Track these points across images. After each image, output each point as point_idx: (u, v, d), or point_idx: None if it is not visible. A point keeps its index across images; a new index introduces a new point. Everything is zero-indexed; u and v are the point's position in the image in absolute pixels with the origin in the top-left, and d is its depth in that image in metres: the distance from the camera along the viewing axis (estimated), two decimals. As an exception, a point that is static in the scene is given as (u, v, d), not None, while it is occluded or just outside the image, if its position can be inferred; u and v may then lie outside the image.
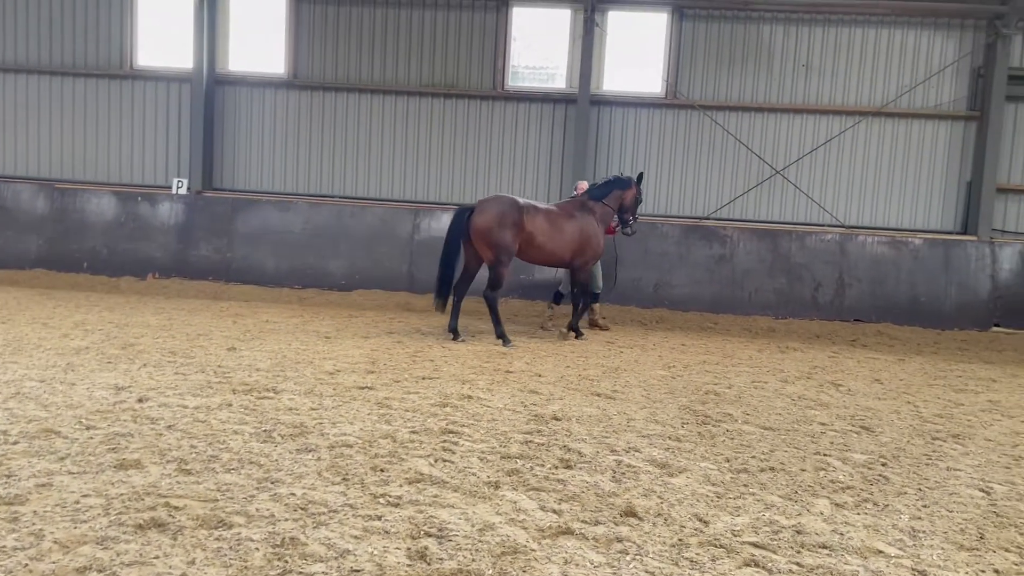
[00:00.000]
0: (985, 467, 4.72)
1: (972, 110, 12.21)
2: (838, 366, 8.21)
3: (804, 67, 12.46)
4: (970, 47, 12.15)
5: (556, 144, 12.86)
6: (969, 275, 11.93)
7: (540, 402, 5.70)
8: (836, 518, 3.67)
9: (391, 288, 12.31)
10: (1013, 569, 3.20)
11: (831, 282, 12.03)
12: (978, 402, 6.72)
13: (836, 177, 12.56)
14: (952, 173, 12.39)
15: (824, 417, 5.79)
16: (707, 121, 12.59)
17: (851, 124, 12.38)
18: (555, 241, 8.81)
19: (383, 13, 12.98)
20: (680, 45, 12.58)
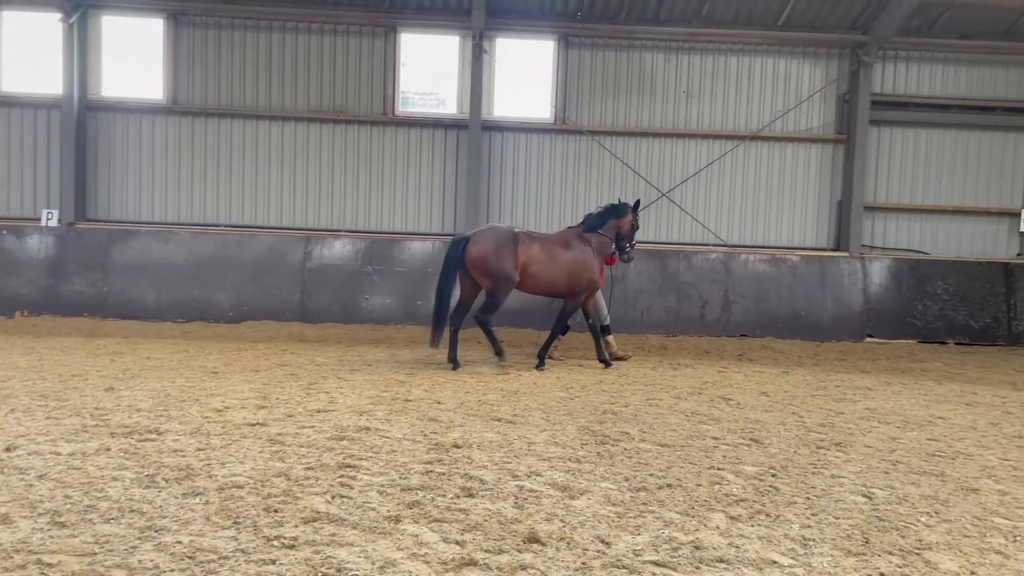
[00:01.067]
0: (866, 473, 4.95)
1: (840, 133, 13.00)
2: (727, 380, 8.49)
3: (685, 94, 12.97)
4: (836, 74, 12.95)
5: (449, 169, 12.88)
6: (843, 289, 12.62)
7: (440, 430, 5.62)
8: (732, 531, 3.76)
9: (282, 319, 11.96)
10: (897, 571, 3.35)
11: (717, 300, 12.48)
12: (857, 410, 7.07)
13: (718, 198, 13.08)
14: (824, 193, 13.12)
15: (716, 431, 5.95)
16: (595, 146, 12.89)
17: (730, 148, 12.95)
18: (550, 271, 8.77)
19: (267, 38, 12.72)
20: (567, 72, 12.87)
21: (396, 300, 12.22)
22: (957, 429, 6.43)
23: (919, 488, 4.65)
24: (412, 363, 8.84)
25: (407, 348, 10.00)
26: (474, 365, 8.97)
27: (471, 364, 9.02)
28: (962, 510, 4.26)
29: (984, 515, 4.20)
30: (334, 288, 12.18)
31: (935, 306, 12.58)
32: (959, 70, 13.02)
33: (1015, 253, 13.16)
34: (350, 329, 11.68)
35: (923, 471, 5.05)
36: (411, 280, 12.26)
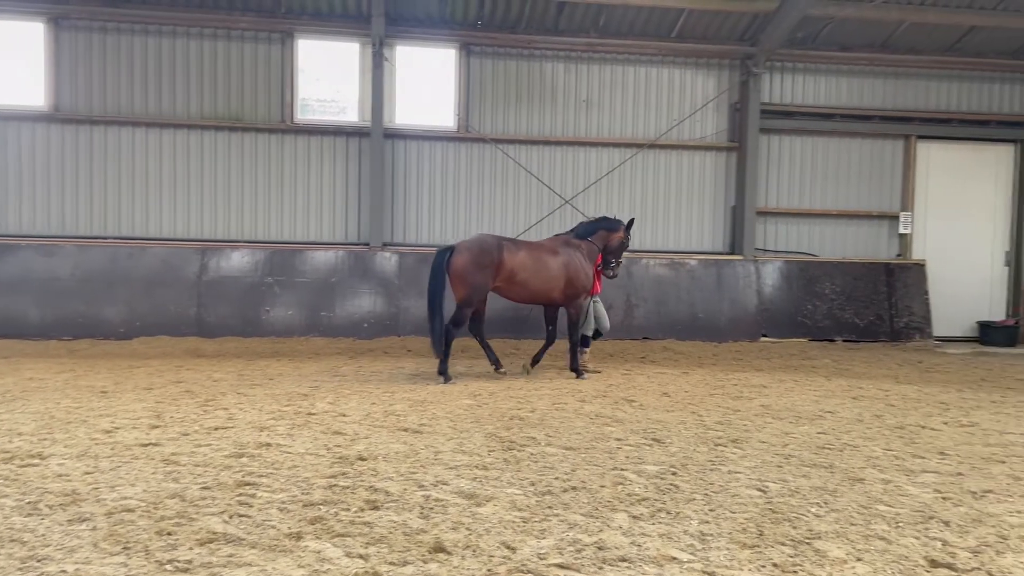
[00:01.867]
0: (761, 468, 5.14)
1: (732, 141, 13.50)
2: (630, 383, 8.67)
3: (585, 102, 13.21)
4: (727, 84, 13.45)
5: (352, 177, 12.71)
6: (739, 291, 13.10)
7: (345, 443, 5.52)
8: (634, 530, 3.83)
9: (177, 334, 11.51)
10: (789, 561, 3.49)
11: (621, 303, 12.74)
12: (752, 407, 7.34)
13: (619, 205, 13.36)
14: (719, 199, 13.59)
15: (619, 433, 6.07)
16: (499, 154, 12.97)
17: (630, 155, 13.26)
18: (539, 278, 8.73)
19: (156, 43, 12.25)
20: (469, 80, 12.91)
21: (299, 312, 11.95)
22: (845, 422, 6.75)
23: (810, 480, 4.86)
24: (316, 376, 8.66)
25: (311, 361, 9.79)
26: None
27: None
28: (849, 499, 4.47)
29: (869, 503, 4.42)
30: (232, 301, 11.82)
31: (824, 305, 13.20)
32: (841, 80, 13.74)
33: (895, 254, 13.95)
34: (250, 343, 11.36)
35: (813, 463, 5.28)
36: (314, 291, 12.02)
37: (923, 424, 6.74)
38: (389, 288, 12.22)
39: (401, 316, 12.16)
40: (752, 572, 3.35)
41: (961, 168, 14.08)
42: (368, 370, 9.10)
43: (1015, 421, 7.00)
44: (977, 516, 4.23)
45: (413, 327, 12.12)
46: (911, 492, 4.67)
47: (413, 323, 12.15)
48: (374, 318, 12.09)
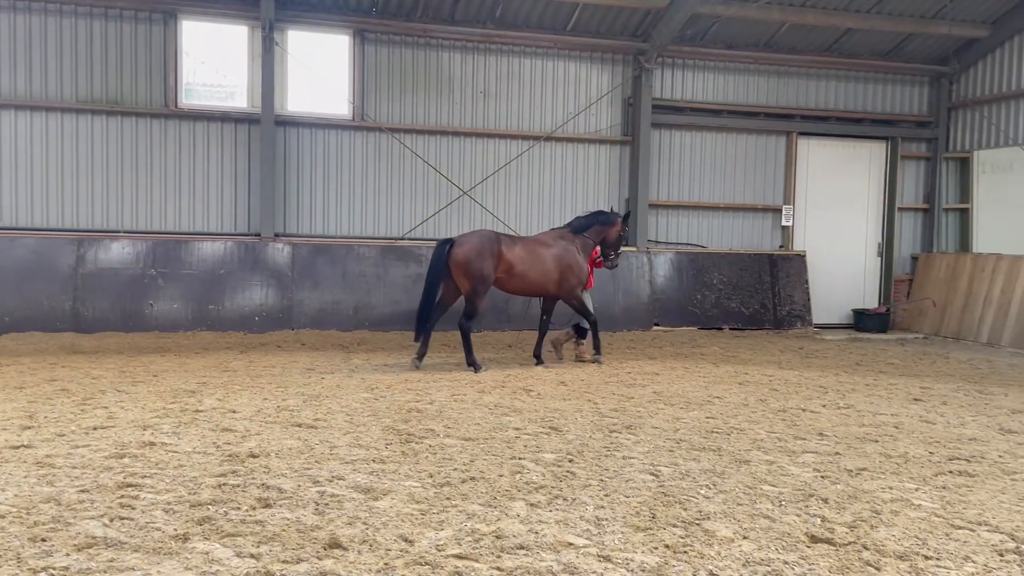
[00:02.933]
0: (653, 452, 5.28)
1: (626, 135, 13.78)
2: (529, 372, 8.74)
3: (482, 94, 13.20)
4: (621, 79, 13.72)
5: (241, 166, 12.27)
6: (632, 282, 13.41)
7: (235, 440, 5.34)
8: (531, 518, 3.87)
9: (52, 329, 10.84)
10: (680, 542, 3.60)
11: (518, 294, 12.82)
12: (645, 394, 7.54)
13: (517, 196, 13.44)
14: (613, 192, 13.85)
15: (518, 422, 6.11)
16: (396, 144, 12.81)
17: (527, 148, 13.34)
18: (536, 270, 8.98)
19: (25, 21, 11.46)
20: (364, 68, 12.67)
21: (185, 305, 11.46)
22: (732, 407, 7.03)
23: (699, 463, 5.03)
24: (204, 371, 8.33)
25: (199, 356, 9.42)
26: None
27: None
28: (736, 481, 4.66)
29: (754, 484, 4.61)
30: (113, 294, 11.22)
31: (712, 295, 13.68)
32: (728, 78, 14.23)
33: (778, 245, 14.59)
34: (133, 338, 10.82)
35: (703, 447, 5.47)
36: (202, 283, 11.55)
37: (804, 407, 7.08)
38: (282, 280, 11.89)
39: (295, 309, 11.86)
40: (645, 554, 3.43)
41: (838, 164, 14.85)
42: (260, 365, 8.83)
43: (887, 402, 7.46)
44: (853, 493, 4.48)
45: (308, 320, 11.84)
46: (793, 472, 4.90)
47: (308, 316, 11.87)
48: (266, 311, 11.73)
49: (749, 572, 3.27)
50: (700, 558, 3.40)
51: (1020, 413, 7.08)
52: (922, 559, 3.48)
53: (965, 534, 3.83)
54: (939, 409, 7.17)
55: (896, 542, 3.68)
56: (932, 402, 7.53)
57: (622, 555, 3.41)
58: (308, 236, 12.46)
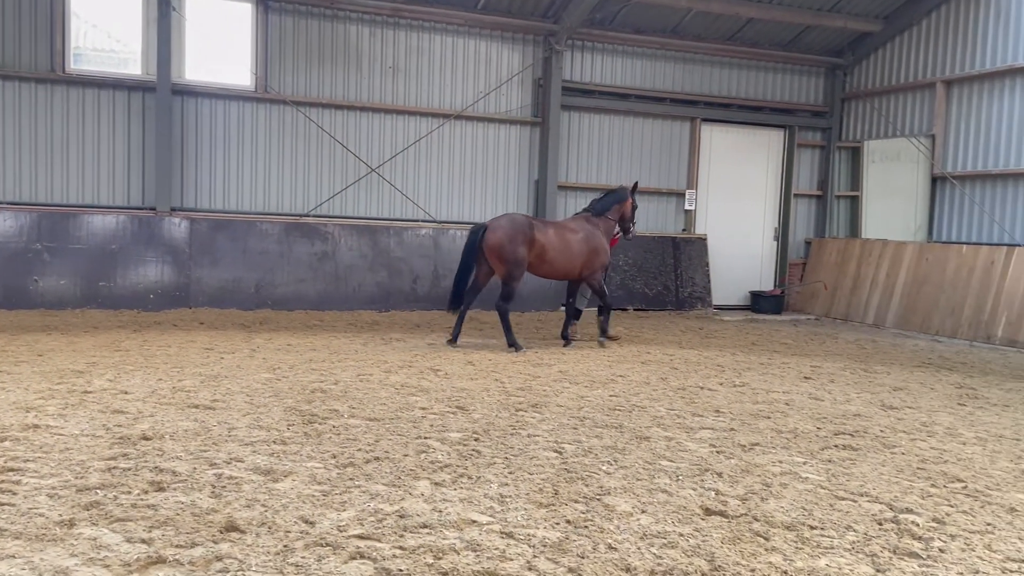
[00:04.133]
0: (558, 430, 5.36)
1: (536, 116, 13.82)
2: (436, 353, 8.72)
3: (391, 69, 12.98)
4: (531, 60, 13.73)
5: (135, 136, 11.69)
6: (541, 262, 13.50)
7: (127, 422, 5.12)
8: (436, 497, 3.87)
9: (-74, 306, 10.12)
10: (581, 517, 3.67)
11: (427, 274, 12.75)
12: (551, 373, 7.63)
13: (427, 175, 13.32)
14: (523, 173, 13.90)
15: (424, 402, 6.09)
16: (301, 117, 12.47)
17: (436, 126, 13.22)
18: (565, 255, 9.24)
19: None
20: (267, 38, 12.25)
21: (74, 281, 10.89)
22: (634, 385, 7.20)
23: (602, 440, 5.13)
24: (94, 351, 7.95)
25: (88, 335, 8.98)
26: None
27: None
28: (636, 457, 4.78)
29: (654, 459, 4.74)
30: (-6, 269, 10.55)
31: (617, 276, 13.94)
32: (636, 62, 14.44)
33: (681, 228, 14.98)
34: (16, 316, 10.21)
35: (606, 424, 5.59)
36: (92, 258, 10.99)
37: (702, 385, 7.32)
38: (179, 256, 11.43)
39: (193, 287, 11.44)
40: (547, 530, 3.49)
41: (739, 150, 15.32)
42: (155, 344, 8.49)
43: (779, 381, 7.79)
44: (746, 467, 4.67)
45: (207, 298, 11.45)
46: (690, 447, 5.06)
47: (207, 294, 11.47)
48: (162, 288, 11.28)
49: (646, 545, 3.36)
50: (600, 532, 3.48)
51: (901, 390, 7.51)
52: (808, 529, 3.66)
53: (848, 504, 4.05)
54: (827, 387, 7.54)
55: (784, 513, 3.86)
56: (821, 380, 7.90)
57: (525, 531, 3.45)
58: (207, 211, 12.01)
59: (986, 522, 3.87)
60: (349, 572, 2.97)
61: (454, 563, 3.07)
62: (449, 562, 3.08)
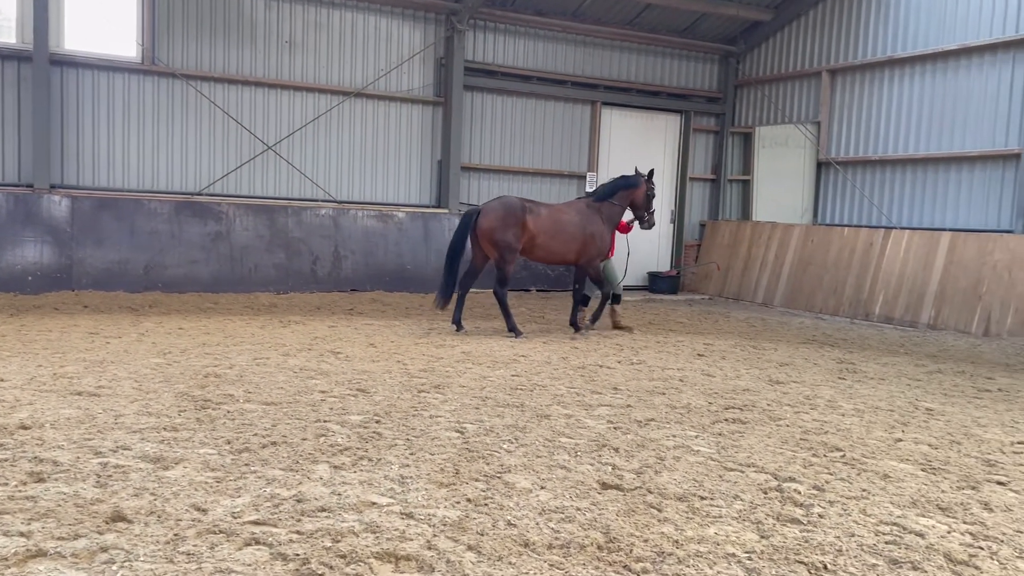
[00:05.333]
0: (460, 411, 5.38)
1: (439, 96, 13.71)
2: (337, 335, 8.58)
3: (288, 43, 12.60)
4: (433, 39, 13.59)
5: (9, 108, 10.95)
6: (445, 244, 13.40)
7: (3, 411, 4.83)
8: (335, 480, 3.82)
9: None
10: (482, 496, 3.70)
11: (328, 255, 12.51)
12: (454, 354, 7.64)
13: (326, 154, 13.03)
14: (426, 153, 13.79)
15: (324, 385, 5.99)
16: (192, 92, 11.96)
17: (336, 103, 12.93)
18: (558, 240, 9.03)
19: None
20: (155, 7, 11.66)
21: (-58, 263, 10.16)
22: (536, 364, 7.29)
23: (503, 419, 5.19)
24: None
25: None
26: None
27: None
28: (536, 435, 4.85)
29: (553, 437, 4.82)
30: None
31: (521, 258, 14.01)
32: (538, 44, 14.51)
33: (582, 210, 15.21)
34: None
35: (507, 404, 5.64)
36: (-37, 239, 10.28)
37: (601, 364, 7.49)
38: (60, 236, 10.82)
39: (75, 268, 10.85)
40: (447, 509, 3.50)
41: (638, 134, 15.64)
42: (34, 329, 8.03)
43: (674, 358, 8.05)
44: (641, 442, 4.81)
45: (91, 281, 10.89)
46: (589, 424, 5.18)
47: (91, 276, 10.91)
48: (41, 270, 10.66)
49: (544, 520, 3.42)
50: (500, 509, 3.52)
51: (787, 366, 7.89)
52: (698, 499, 3.81)
53: (736, 475, 4.23)
54: (719, 364, 7.83)
55: (677, 485, 4.00)
56: (713, 357, 8.21)
57: (425, 511, 3.45)
58: (91, 189, 11.40)
59: (862, 488, 4.12)
60: (243, 559, 2.91)
61: (353, 545, 3.05)
62: (348, 544, 3.05)
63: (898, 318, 11.83)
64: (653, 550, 3.17)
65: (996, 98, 11.61)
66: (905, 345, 9.81)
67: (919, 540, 3.42)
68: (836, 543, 3.34)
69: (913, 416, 5.87)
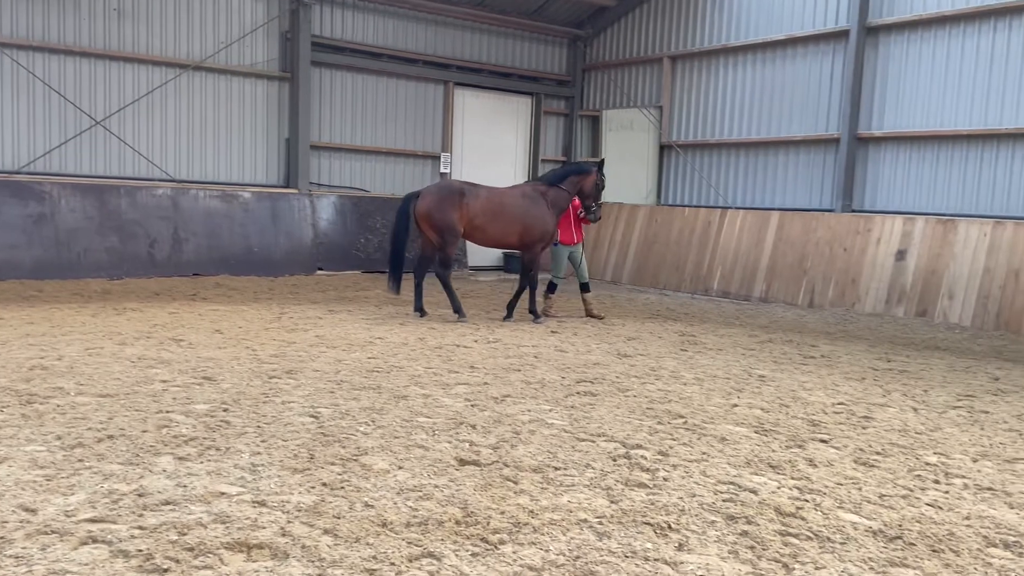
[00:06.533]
0: (314, 395, 5.26)
1: (284, 71, 13.21)
2: (179, 322, 8.15)
3: (116, 11, 11.72)
4: (277, 11, 13.06)
5: None
6: (294, 225, 13.07)
7: None
8: (180, 472, 3.65)
9: None
10: (338, 479, 3.64)
11: (167, 238, 11.83)
12: (308, 339, 7.45)
13: (163, 130, 12.28)
14: (272, 130, 13.27)
15: (166, 374, 5.69)
16: (7, 61, 10.92)
17: (172, 76, 12.20)
18: (497, 223, 8.87)
19: None
20: (-40, -35, 10.55)
21: None
22: (393, 346, 7.23)
23: (359, 402, 5.12)
24: None
25: None
26: None
27: None
28: (394, 416, 4.82)
29: (411, 417, 4.82)
30: None
31: (375, 239, 13.85)
32: (388, 22, 14.25)
33: (436, 191, 15.17)
34: None
35: (364, 386, 5.57)
36: None
37: (458, 343, 7.53)
38: None
39: None
40: (302, 494, 3.43)
41: (491, 115, 15.75)
42: None
43: (529, 336, 8.22)
44: (497, 418, 4.89)
45: None
46: (446, 403, 5.21)
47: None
48: None
49: (402, 499, 3.42)
50: (356, 492, 3.48)
51: (634, 340, 8.24)
52: (552, 470, 3.93)
53: (587, 445, 4.39)
54: (571, 340, 8.07)
55: (531, 457, 4.10)
56: (565, 334, 8.45)
57: (278, 498, 3.36)
58: None
59: (702, 451, 4.38)
60: (79, 559, 2.73)
61: (201, 537, 2.92)
62: (195, 537, 2.93)
63: (734, 292, 12.61)
64: (510, 521, 3.24)
65: (819, 86, 12.54)
66: (740, 317, 10.48)
67: (752, 496, 3.68)
68: (679, 504, 3.54)
69: (747, 383, 6.30)
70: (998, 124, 10.57)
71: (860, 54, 11.82)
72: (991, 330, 9.77)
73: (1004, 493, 3.92)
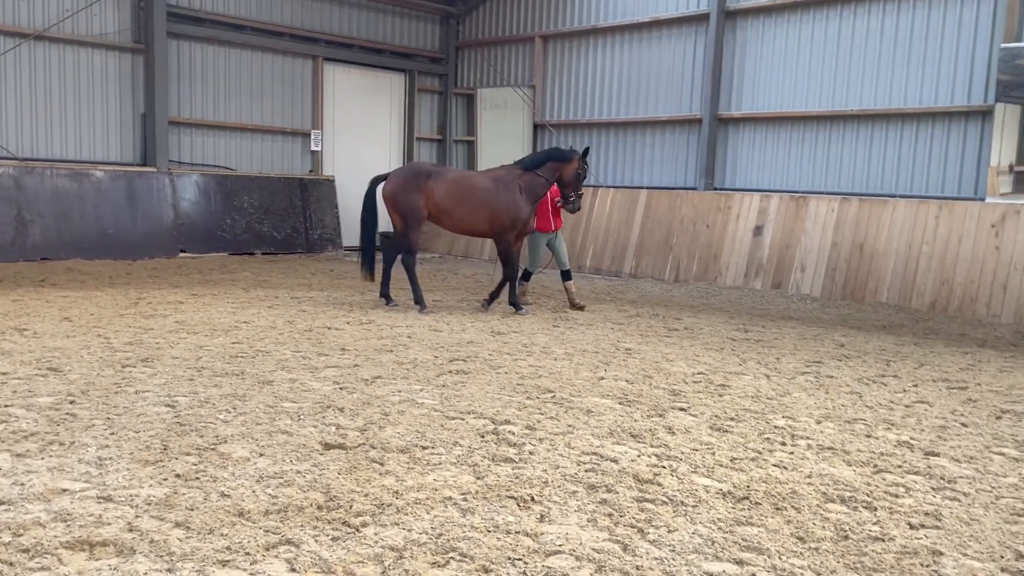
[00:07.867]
0: (172, 383, 5.03)
1: (138, 43, 12.45)
2: (23, 310, 7.59)
3: (-57, -28, 10.70)
4: (129, -21, 12.27)
5: None
6: (153, 205, 12.39)
7: None
8: (17, 469, 3.41)
9: None
10: (193, 470, 3.50)
11: (10, 220, 10.98)
12: (167, 324, 7.10)
13: (3, 105, 11.34)
14: (126, 105, 12.50)
15: (6, 366, 5.30)
16: None
17: (12, 46, 11.27)
18: (463, 208, 8.49)
19: None
20: None
21: None
22: (259, 330, 7.00)
23: (221, 389, 4.93)
24: None
25: None
26: None
27: None
28: (257, 402, 4.67)
29: (276, 402, 4.69)
30: None
31: (243, 219, 13.34)
32: (252, -7, 13.69)
33: (308, 169, 14.75)
34: None
35: (226, 372, 5.37)
36: None
37: (329, 325, 7.38)
38: None
39: None
40: (153, 487, 3.28)
41: (363, 92, 15.42)
42: None
43: (403, 316, 8.15)
44: (367, 400, 4.83)
45: None
46: (314, 387, 5.09)
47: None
48: None
49: (261, 487, 3.32)
50: (212, 482, 3.36)
51: (508, 318, 8.31)
52: (420, 449, 3.92)
53: (457, 423, 4.40)
54: (446, 319, 8.07)
55: (400, 438, 4.08)
56: (440, 313, 8.43)
57: (126, 492, 3.20)
58: None
59: (568, 424, 4.48)
60: None
61: (38, 537, 2.75)
62: (32, 537, 2.75)
63: (606, 269, 12.94)
64: (373, 503, 3.21)
65: (683, 68, 12.97)
66: (611, 293, 10.77)
67: (613, 465, 3.80)
68: (543, 476, 3.61)
69: (614, 356, 6.49)
70: (844, 105, 11.27)
71: (720, 37, 12.30)
72: (838, 300, 10.46)
73: (843, 452, 4.21)
